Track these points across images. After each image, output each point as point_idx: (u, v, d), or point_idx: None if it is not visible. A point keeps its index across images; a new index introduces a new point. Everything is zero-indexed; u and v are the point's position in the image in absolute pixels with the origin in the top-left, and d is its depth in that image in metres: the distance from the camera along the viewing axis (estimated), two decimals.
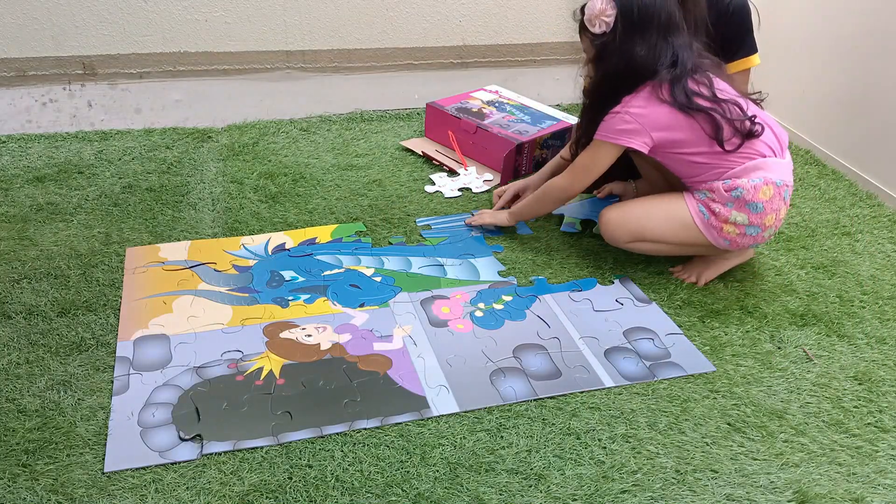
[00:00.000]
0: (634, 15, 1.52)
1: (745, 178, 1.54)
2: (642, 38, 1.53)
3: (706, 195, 1.57)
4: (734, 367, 1.41)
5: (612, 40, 1.53)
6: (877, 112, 2.05)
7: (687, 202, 1.59)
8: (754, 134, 1.54)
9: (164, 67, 2.36)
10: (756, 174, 1.54)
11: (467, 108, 2.21)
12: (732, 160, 1.55)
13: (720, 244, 1.59)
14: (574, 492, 1.14)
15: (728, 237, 1.57)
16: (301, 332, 1.46)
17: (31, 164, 2.04)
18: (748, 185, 1.53)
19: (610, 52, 1.55)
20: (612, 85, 1.57)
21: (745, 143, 1.54)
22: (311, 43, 2.44)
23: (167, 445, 1.19)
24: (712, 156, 1.55)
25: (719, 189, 1.55)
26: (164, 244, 1.72)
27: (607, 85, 1.58)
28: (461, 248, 1.75)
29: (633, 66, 1.54)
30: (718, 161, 1.55)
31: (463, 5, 2.51)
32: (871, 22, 2.05)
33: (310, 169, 2.08)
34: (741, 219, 1.55)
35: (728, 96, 1.55)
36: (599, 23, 1.53)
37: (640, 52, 1.53)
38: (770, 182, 1.54)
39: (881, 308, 1.59)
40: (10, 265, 1.62)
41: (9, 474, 1.13)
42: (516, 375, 1.37)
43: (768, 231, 1.57)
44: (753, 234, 1.57)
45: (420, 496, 1.12)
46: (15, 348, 1.38)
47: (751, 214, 1.54)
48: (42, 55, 2.25)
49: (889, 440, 1.26)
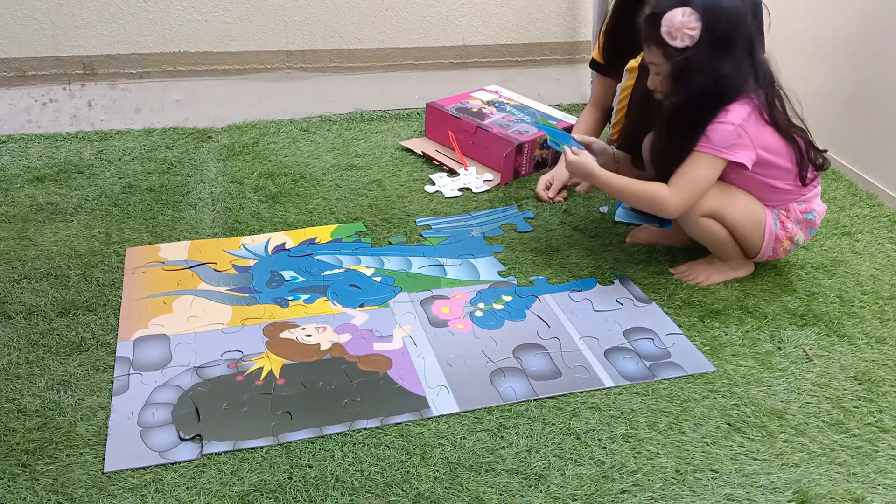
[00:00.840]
0: (721, 28, 1.39)
1: (815, 202, 1.59)
2: (729, 54, 1.41)
3: (779, 211, 1.58)
4: (734, 367, 1.41)
5: (696, 55, 1.39)
6: (877, 112, 2.05)
7: (765, 208, 1.58)
8: (823, 168, 1.55)
9: (164, 67, 2.37)
10: (817, 200, 1.60)
11: (467, 108, 2.21)
12: (807, 189, 1.56)
13: (764, 254, 1.60)
14: (574, 492, 1.14)
15: (776, 251, 1.60)
16: (301, 332, 1.46)
17: (31, 164, 2.04)
18: (819, 209, 1.59)
19: (694, 69, 1.41)
20: (700, 104, 1.45)
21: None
22: (311, 43, 2.44)
23: (167, 445, 1.19)
24: (794, 183, 1.54)
25: (794, 210, 1.57)
26: (164, 244, 1.72)
27: (694, 105, 1.45)
28: (461, 248, 1.75)
29: (720, 84, 1.42)
30: (797, 189, 1.55)
31: (463, 5, 2.52)
32: (872, 21, 2.05)
33: (310, 169, 2.08)
34: (800, 239, 1.59)
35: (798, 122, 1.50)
36: (682, 36, 1.38)
37: (727, 69, 1.41)
38: (821, 212, 1.61)
39: (881, 308, 1.59)
40: (10, 265, 1.62)
41: (9, 474, 1.13)
42: (516, 375, 1.37)
43: (795, 247, 1.62)
44: (788, 250, 1.61)
45: (420, 496, 1.12)
46: (15, 348, 1.38)
47: (806, 237, 1.59)
48: (42, 55, 2.25)
49: (889, 440, 1.26)
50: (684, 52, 1.41)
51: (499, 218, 1.89)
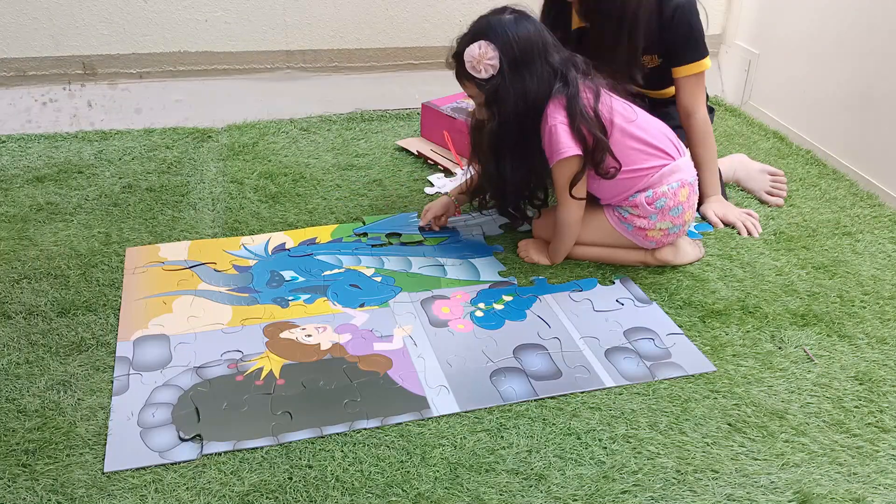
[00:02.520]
0: (515, 50, 1.49)
1: (664, 185, 1.59)
2: (529, 70, 1.50)
3: (629, 212, 1.62)
4: (735, 367, 1.41)
5: (501, 82, 1.50)
6: (877, 112, 2.05)
7: (606, 215, 1.65)
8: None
9: (164, 67, 2.36)
10: (672, 178, 1.59)
11: (462, 107, 2.21)
12: (647, 170, 1.58)
13: (647, 245, 1.66)
14: (574, 492, 1.14)
15: (653, 239, 1.64)
16: (301, 332, 1.46)
17: (31, 164, 2.04)
18: (669, 192, 1.59)
19: (503, 94, 1.50)
20: (518, 123, 1.53)
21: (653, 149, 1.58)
22: (312, 43, 2.44)
23: (167, 445, 1.19)
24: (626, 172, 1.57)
25: (643, 204, 1.60)
26: (164, 244, 1.72)
27: (514, 125, 1.54)
28: (461, 248, 1.75)
29: (530, 99, 1.51)
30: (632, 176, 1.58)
31: (463, 5, 2.51)
32: (872, 21, 2.05)
33: (310, 169, 2.08)
34: (665, 225, 1.61)
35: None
36: (484, 67, 1.49)
37: (532, 84, 1.50)
38: (685, 183, 1.61)
39: (882, 308, 1.59)
40: (10, 265, 1.62)
41: (9, 474, 1.13)
42: (516, 375, 1.37)
43: (687, 225, 1.66)
44: (676, 232, 1.64)
45: (420, 496, 1.12)
46: (15, 348, 1.38)
47: (673, 218, 1.61)
48: (42, 55, 2.25)
49: (890, 440, 1.26)
50: (491, 81, 1.51)
51: (499, 218, 1.88)
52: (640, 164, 1.58)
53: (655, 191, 1.59)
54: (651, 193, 1.59)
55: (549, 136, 1.53)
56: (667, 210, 1.60)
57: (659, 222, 1.61)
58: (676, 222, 1.62)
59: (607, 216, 1.65)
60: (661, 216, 1.60)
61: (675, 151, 1.62)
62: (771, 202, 1.97)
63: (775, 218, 1.91)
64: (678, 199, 1.60)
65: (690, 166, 1.65)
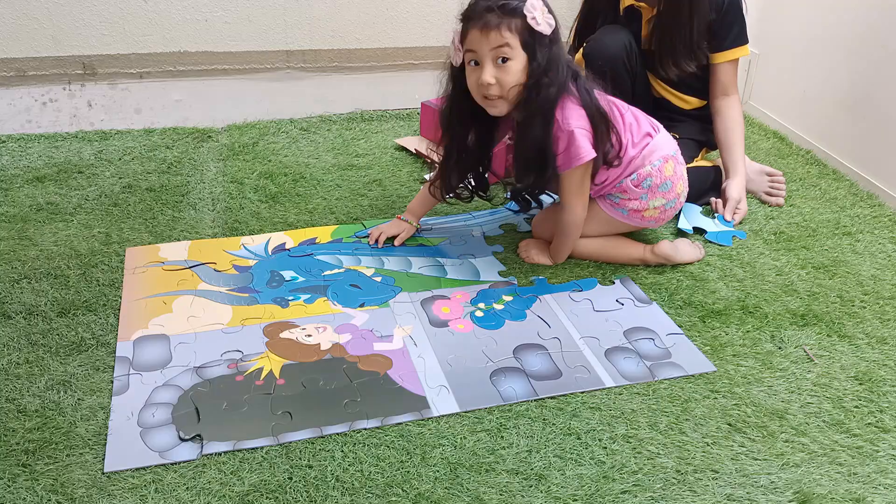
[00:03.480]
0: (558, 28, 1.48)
1: (646, 165, 1.61)
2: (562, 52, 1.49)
3: (619, 198, 1.64)
4: (735, 367, 1.41)
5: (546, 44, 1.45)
6: (877, 112, 2.05)
7: (599, 205, 1.67)
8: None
9: (164, 67, 2.36)
10: (653, 156, 1.61)
11: None
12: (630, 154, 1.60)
13: (649, 226, 1.69)
14: (574, 492, 1.14)
15: (651, 218, 1.66)
16: (301, 332, 1.46)
17: (31, 164, 2.04)
18: (654, 170, 1.60)
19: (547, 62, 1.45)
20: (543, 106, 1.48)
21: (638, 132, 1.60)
22: (312, 43, 2.44)
23: (167, 445, 1.19)
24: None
25: (630, 188, 1.62)
26: (164, 244, 1.72)
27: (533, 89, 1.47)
28: (461, 248, 1.75)
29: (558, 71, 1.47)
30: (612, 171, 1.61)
31: (463, 6, 2.51)
32: (872, 21, 2.05)
33: (310, 169, 2.08)
34: (658, 202, 1.63)
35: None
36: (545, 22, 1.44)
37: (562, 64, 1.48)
38: (668, 157, 1.62)
39: (882, 308, 1.59)
40: (10, 265, 1.62)
41: (9, 474, 1.13)
42: (516, 375, 1.37)
43: (682, 196, 1.69)
44: (672, 206, 1.66)
45: (420, 496, 1.12)
46: (15, 348, 1.38)
47: (665, 194, 1.62)
48: (42, 55, 2.25)
49: (890, 440, 1.26)
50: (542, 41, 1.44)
51: (499, 218, 1.89)
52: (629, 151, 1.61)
53: (640, 172, 1.61)
54: (636, 176, 1.61)
55: (569, 141, 1.50)
56: (655, 187, 1.62)
57: (651, 200, 1.63)
58: (669, 197, 1.64)
59: (601, 206, 1.67)
60: (651, 194, 1.62)
61: (652, 130, 1.64)
62: (771, 202, 1.98)
63: (775, 218, 1.91)
64: (664, 174, 1.62)
65: (669, 140, 1.66)
